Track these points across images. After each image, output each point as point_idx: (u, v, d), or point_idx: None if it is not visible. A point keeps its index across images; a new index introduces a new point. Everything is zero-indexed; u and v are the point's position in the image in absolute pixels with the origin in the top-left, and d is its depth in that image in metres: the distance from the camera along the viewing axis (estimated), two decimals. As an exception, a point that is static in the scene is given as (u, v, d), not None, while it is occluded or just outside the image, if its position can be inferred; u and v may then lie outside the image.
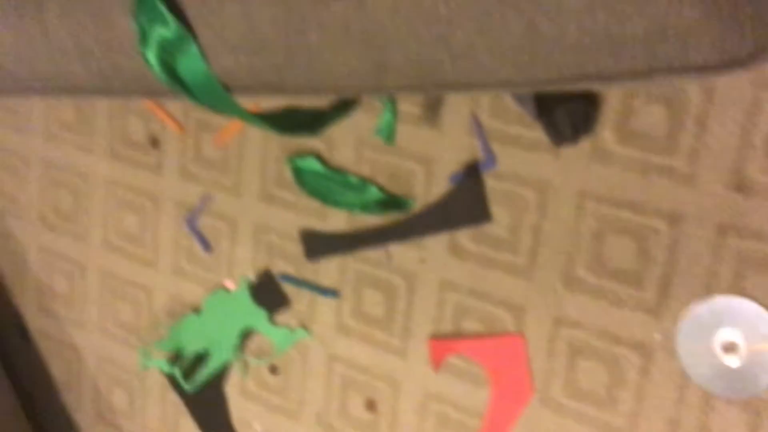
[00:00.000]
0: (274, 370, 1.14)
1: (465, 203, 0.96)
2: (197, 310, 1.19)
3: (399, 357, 1.04)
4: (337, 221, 1.05)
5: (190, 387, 1.21)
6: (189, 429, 1.24)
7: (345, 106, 0.99)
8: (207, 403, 1.21)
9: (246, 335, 1.15)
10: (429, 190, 0.99)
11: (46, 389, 1.41)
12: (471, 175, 0.95)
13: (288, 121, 0.81)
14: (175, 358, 1.22)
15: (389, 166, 1.01)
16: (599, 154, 0.88)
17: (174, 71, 0.66)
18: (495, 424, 0.97)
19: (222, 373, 1.18)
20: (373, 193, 1.01)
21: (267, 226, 1.11)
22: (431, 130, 0.98)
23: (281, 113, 0.79)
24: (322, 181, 1.05)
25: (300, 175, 1.06)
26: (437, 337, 1.01)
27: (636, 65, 0.56)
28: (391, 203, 1.00)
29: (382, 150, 1.01)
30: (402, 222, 1.00)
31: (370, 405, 1.07)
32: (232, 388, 1.19)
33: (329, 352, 1.09)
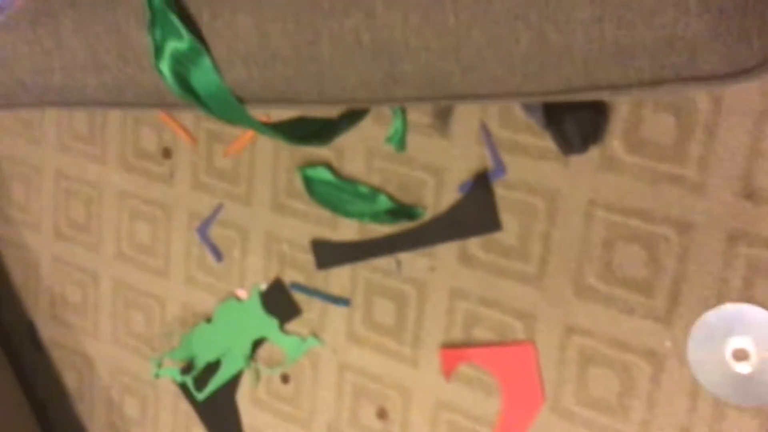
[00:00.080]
0: (285, 378, 1.15)
1: (475, 212, 0.96)
2: (209, 319, 1.20)
3: (410, 365, 1.04)
4: (348, 230, 1.06)
5: (201, 396, 1.21)
6: (201, 438, 1.24)
7: (355, 115, 0.99)
8: (218, 412, 1.21)
9: (257, 344, 1.16)
10: (439, 199, 0.99)
11: (58, 398, 1.42)
12: (481, 184, 0.96)
13: (299, 131, 0.81)
14: (187, 367, 1.22)
15: (399, 175, 1.01)
16: (608, 162, 0.88)
17: (187, 83, 0.67)
18: (506, 432, 0.97)
19: (233, 382, 1.19)
20: (384, 203, 1.02)
21: (278, 235, 1.12)
22: (441, 139, 0.98)
23: (292, 123, 0.79)
24: (332, 191, 1.06)
25: (311, 185, 1.07)
26: (448, 346, 1.01)
27: (644, 75, 0.56)
28: (402, 212, 1.01)
29: (392, 159, 1.02)
30: (412, 231, 1.01)
31: (381, 414, 1.07)
32: (243, 397, 1.19)
33: (340, 360, 1.10)
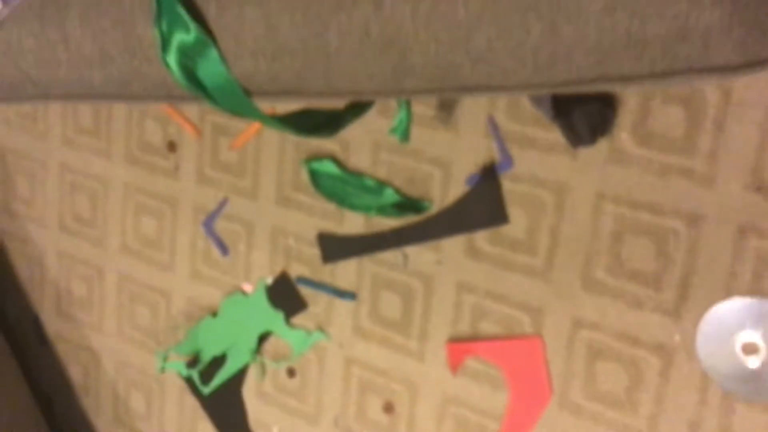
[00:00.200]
0: (291, 372, 1.15)
1: (482, 205, 0.96)
2: (215, 313, 1.20)
3: (416, 359, 1.04)
4: (354, 224, 1.05)
5: (207, 390, 1.21)
6: (207, 432, 1.24)
7: (361, 106, 0.99)
8: (224, 406, 1.21)
9: (263, 338, 1.16)
10: (446, 192, 0.99)
11: (64, 393, 1.42)
12: (488, 177, 0.95)
13: (305, 123, 0.81)
14: (193, 361, 1.22)
15: (406, 168, 1.01)
16: (617, 155, 0.88)
17: (194, 76, 0.67)
18: (514, 426, 0.97)
19: (239, 376, 1.19)
20: (390, 196, 1.01)
21: (284, 229, 1.11)
22: (448, 132, 0.98)
23: (298, 115, 0.79)
24: (338, 184, 1.05)
25: (316, 178, 1.06)
26: (455, 340, 1.01)
27: (656, 66, 0.55)
28: (408, 205, 1.01)
29: (398, 152, 1.01)
30: (419, 224, 1.01)
31: (387, 408, 1.07)
32: (249, 390, 1.19)
33: (346, 354, 1.09)
